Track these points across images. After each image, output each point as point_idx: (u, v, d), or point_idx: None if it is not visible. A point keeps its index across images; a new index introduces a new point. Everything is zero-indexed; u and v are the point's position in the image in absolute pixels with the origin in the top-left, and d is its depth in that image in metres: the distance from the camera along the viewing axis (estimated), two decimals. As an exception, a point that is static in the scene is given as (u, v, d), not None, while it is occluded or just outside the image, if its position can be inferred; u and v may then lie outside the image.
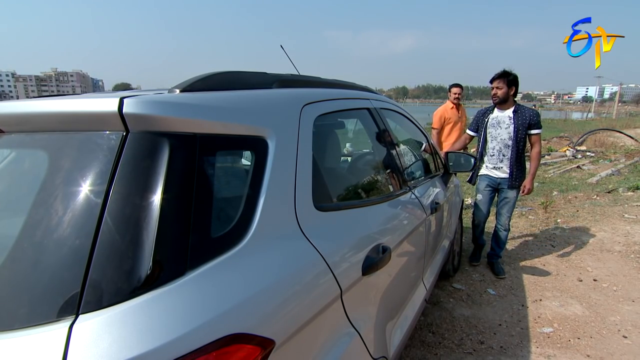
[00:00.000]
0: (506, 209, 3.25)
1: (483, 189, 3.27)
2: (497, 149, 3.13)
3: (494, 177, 3.20)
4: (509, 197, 3.20)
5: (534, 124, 3.02)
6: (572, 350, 2.29)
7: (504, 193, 3.21)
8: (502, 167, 3.15)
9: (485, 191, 3.27)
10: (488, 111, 3.20)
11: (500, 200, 3.27)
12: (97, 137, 0.79)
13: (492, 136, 3.15)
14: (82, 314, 0.63)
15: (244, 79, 1.13)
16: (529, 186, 3.13)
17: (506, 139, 3.07)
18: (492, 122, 3.14)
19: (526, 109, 3.05)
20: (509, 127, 3.05)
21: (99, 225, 0.70)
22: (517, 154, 3.06)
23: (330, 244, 1.07)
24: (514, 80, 2.98)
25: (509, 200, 3.21)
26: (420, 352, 2.27)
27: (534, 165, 3.15)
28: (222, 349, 0.71)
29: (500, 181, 3.19)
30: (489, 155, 3.21)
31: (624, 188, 6.11)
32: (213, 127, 0.88)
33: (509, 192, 3.18)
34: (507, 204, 3.23)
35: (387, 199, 1.64)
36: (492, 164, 3.19)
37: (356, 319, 1.12)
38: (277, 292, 0.85)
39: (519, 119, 3.00)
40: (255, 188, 0.91)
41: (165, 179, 0.75)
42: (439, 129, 4.40)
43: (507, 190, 3.17)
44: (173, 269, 0.73)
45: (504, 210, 3.27)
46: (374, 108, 1.79)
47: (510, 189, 3.15)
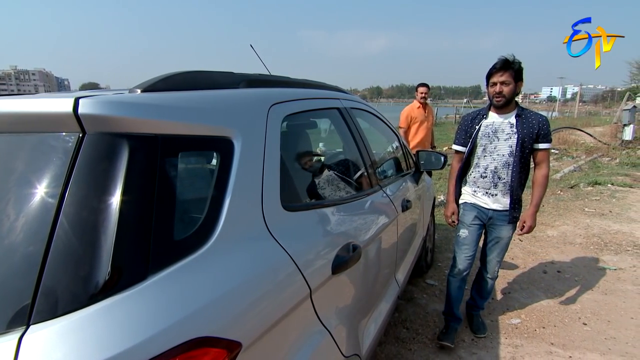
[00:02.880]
0: (497, 252, 2.33)
1: (470, 222, 2.29)
2: (492, 169, 2.18)
3: (484, 207, 2.25)
4: (503, 237, 2.27)
5: (543, 135, 2.10)
6: (538, 339, 2.39)
7: (497, 231, 2.27)
8: (497, 195, 2.19)
9: (473, 226, 2.29)
10: (479, 115, 2.22)
11: (490, 240, 2.34)
12: (51, 138, 0.76)
13: (485, 150, 2.19)
14: (34, 324, 0.61)
15: (209, 78, 1.11)
16: (531, 222, 2.20)
17: (506, 154, 2.13)
18: (485, 131, 2.18)
19: (532, 114, 2.13)
20: (510, 137, 2.11)
21: (52, 230, 0.67)
22: (520, 177, 2.16)
23: (299, 243, 1.07)
24: (520, 73, 2.06)
25: (502, 240, 2.29)
26: (395, 348, 2.31)
27: (539, 194, 2.21)
28: (188, 353, 0.70)
29: (492, 214, 2.24)
30: (477, 177, 2.24)
31: (585, 183, 6.44)
32: (175, 128, 0.86)
33: (503, 229, 2.25)
34: (499, 245, 2.30)
35: (357, 197, 1.66)
36: (483, 189, 2.23)
37: (327, 318, 1.13)
38: (243, 293, 0.85)
39: (524, 127, 2.09)
40: (221, 189, 0.90)
41: (125, 181, 0.73)
42: (405, 128, 4.49)
43: (502, 227, 2.25)
44: (133, 274, 0.71)
45: (493, 253, 2.34)
46: (344, 108, 1.81)
47: (507, 226, 2.24)
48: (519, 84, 2.07)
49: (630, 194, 5.81)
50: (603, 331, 2.46)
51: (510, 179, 2.14)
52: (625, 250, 3.77)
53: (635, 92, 26.24)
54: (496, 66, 2.04)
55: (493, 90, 2.06)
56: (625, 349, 2.28)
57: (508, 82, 2.02)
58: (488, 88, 2.11)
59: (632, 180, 6.75)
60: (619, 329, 2.48)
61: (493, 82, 2.06)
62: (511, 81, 2.03)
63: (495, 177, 2.18)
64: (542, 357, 2.23)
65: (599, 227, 4.41)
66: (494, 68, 2.05)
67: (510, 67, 2.02)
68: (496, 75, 2.04)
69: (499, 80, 2.03)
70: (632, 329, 2.48)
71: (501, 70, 2.03)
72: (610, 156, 9.56)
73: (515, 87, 2.05)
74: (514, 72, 2.02)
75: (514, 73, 2.02)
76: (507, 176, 2.15)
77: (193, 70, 1.10)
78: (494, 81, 2.06)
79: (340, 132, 1.83)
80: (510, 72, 2.02)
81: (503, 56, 2.05)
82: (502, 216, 2.23)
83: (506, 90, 2.04)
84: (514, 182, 2.14)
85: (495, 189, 2.19)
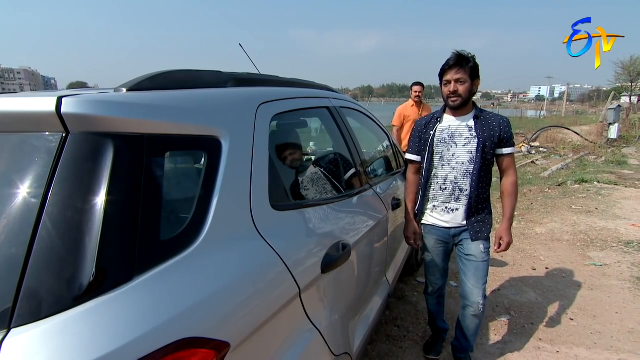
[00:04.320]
0: (475, 279, 1.93)
1: (432, 246, 2.03)
2: (451, 180, 1.89)
3: (444, 227, 1.95)
4: (475, 254, 1.91)
5: (506, 139, 1.85)
6: (527, 335, 2.43)
7: (465, 248, 1.94)
8: (458, 209, 1.91)
9: (436, 249, 2.03)
10: (433, 119, 1.95)
11: (463, 264, 1.98)
12: (34, 138, 0.75)
13: (442, 158, 1.90)
14: (15, 328, 0.60)
15: (196, 77, 1.10)
16: (508, 238, 1.91)
17: (466, 161, 1.86)
18: (441, 137, 1.89)
19: (492, 115, 1.89)
20: (469, 142, 1.85)
21: (35, 230, 0.66)
22: (481, 187, 1.89)
23: (288, 243, 1.07)
24: (477, 70, 1.82)
25: (477, 260, 1.91)
26: (386, 346, 2.32)
27: (510, 205, 1.92)
28: (175, 354, 0.70)
29: (454, 232, 1.95)
30: (437, 190, 1.94)
31: (572, 181, 6.55)
32: (162, 128, 0.85)
33: (472, 245, 1.91)
34: (474, 267, 1.92)
35: (347, 196, 1.66)
36: (442, 202, 1.94)
37: (316, 317, 1.13)
38: (232, 294, 0.84)
39: (484, 129, 1.83)
40: (208, 189, 0.89)
41: (110, 181, 0.72)
42: (399, 126, 4.52)
43: (469, 243, 1.92)
44: (119, 275, 0.70)
45: (471, 280, 1.94)
46: (334, 107, 1.81)
47: (475, 241, 1.90)
48: (475, 82, 1.82)
49: (616, 192, 5.93)
50: (589, 326, 2.51)
51: (470, 191, 1.86)
52: (610, 247, 3.84)
53: (620, 91, 26.76)
54: (449, 62, 1.79)
55: (447, 89, 1.81)
56: (611, 342, 2.33)
57: (463, 79, 1.78)
58: (442, 87, 1.86)
59: (617, 178, 6.89)
60: (604, 324, 2.53)
61: (447, 80, 1.81)
62: (467, 79, 1.78)
63: (455, 188, 1.89)
64: (531, 352, 2.26)
65: (586, 224, 4.49)
66: (447, 65, 1.80)
67: (465, 63, 1.77)
68: (450, 72, 1.79)
69: (454, 78, 1.78)
70: (616, 324, 2.53)
71: (455, 66, 1.77)
72: (597, 154, 9.75)
73: (472, 86, 1.81)
74: (470, 69, 1.77)
75: (470, 70, 1.77)
76: (467, 187, 1.87)
77: (180, 69, 1.09)
78: (447, 79, 1.80)
79: (330, 131, 1.83)
80: (465, 68, 1.76)
81: (456, 51, 1.80)
82: (465, 233, 1.93)
83: (462, 89, 1.78)
84: (473, 194, 1.86)
85: (457, 203, 1.90)
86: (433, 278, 2.14)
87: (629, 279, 3.15)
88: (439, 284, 2.15)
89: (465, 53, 1.79)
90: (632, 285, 3.05)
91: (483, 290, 1.95)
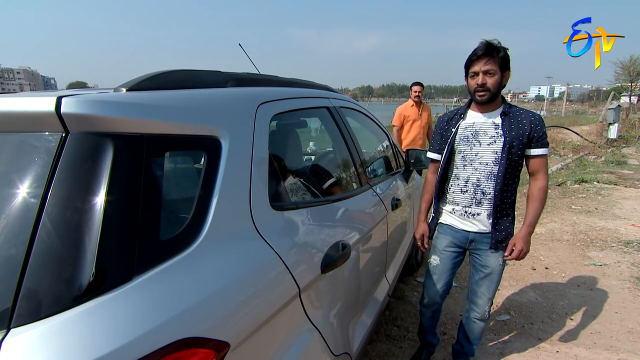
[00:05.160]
0: (486, 287, 1.85)
1: (443, 248, 1.89)
2: (473, 182, 1.74)
3: (464, 229, 1.81)
4: (492, 267, 1.80)
5: (537, 138, 1.65)
6: (526, 335, 2.43)
7: (482, 259, 1.82)
8: (480, 214, 1.75)
9: (447, 252, 1.89)
10: (457, 115, 1.80)
11: (476, 271, 1.87)
12: (34, 138, 0.75)
13: (464, 158, 1.75)
14: (14, 328, 0.60)
15: (196, 77, 1.10)
16: (522, 245, 1.70)
17: (490, 162, 1.69)
18: (464, 135, 1.74)
19: (523, 112, 1.70)
20: (494, 141, 1.68)
21: (35, 230, 0.66)
22: (506, 190, 1.72)
23: (287, 243, 1.07)
24: (507, 60, 1.63)
25: (492, 272, 1.81)
26: (386, 346, 2.32)
27: (535, 211, 1.72)
28: (175, 354, 0.70)
29: (474, 237, 1.80)
30: (457, 192, 1.80)
31: (572, 181, 6.55)
32: (162, 127, 0.85)
33: (490, 257, 1.79)
34: (489, 277, 1.82)
35: (347, 196, 1.66)
36: (462, 206, 1.79)
37: (316, 317, 1.13)
38: (231, 293, 0.84)
39: (513, 127, 1.66)
40: (208, 189, 0.89)
41: (109, 181, 0.72)
42: (399, 126, 4.52)
43: (488, 254, 1.79)
44: (118, 275, 0.70)
45: (481, 287, 1.86)
46: (334, 107, 1.81)
47: (494, 252, 1.78)
48: (505, 74, 1.63)
49: (615, 192, 5.93)
50: (589, 326, 2.51)
51: (494, 194, 1.69)
52: (610, 247, 3.85)
53: (620, 91, 26.76)
54: (477, 52, 1.59)
55: (474, 82, 1.62)
56: (610, 342, 2.33)
57: (493, 71, 1.58)
58: (467, 80, 1.68)
59: (616, 177, 6.89)
60: (604, 324, 2.53)
61: (474, 71, 1.62)
62: (497, 70, 1.59)
63: (478, 191, 1.73)
64: (530, 352, 2.26)
65: (585, 224, 4.49)
66: (475, 55, 1.60)
67: (496, 53, 1.58)
68: (478, 63, 1.60)
69: (482, 70, 1.59)
70: (616, 323, 2.53)
71: (484, 57, 1.58)
72: (596, 154, 9.75)
73: (502, 78, 1.62)
74: (500, 60, 1.58)
75: (500, 61, 1.58)
76: (491, 190, 1.70)
77: (180, 69, 1.09)
78: (475, 71, 1.61)
79: (330, 131, 1.83)
80: (495, 59, 1.57)
81: (485, 40, 1.60)
82: (485, 240, 1.77)
83: (491, 81, 1.59)
84: (497, 198, 1.69)
85: (479, 207, 1.74)
86: (432, 290, 1.96)
87: (628, 279, 3.16)
88: (437, 296, 1.97)
89: (495, 42, 1.60)
90: (631, 285, 3.05)
91: (491, 299, 1.89)
